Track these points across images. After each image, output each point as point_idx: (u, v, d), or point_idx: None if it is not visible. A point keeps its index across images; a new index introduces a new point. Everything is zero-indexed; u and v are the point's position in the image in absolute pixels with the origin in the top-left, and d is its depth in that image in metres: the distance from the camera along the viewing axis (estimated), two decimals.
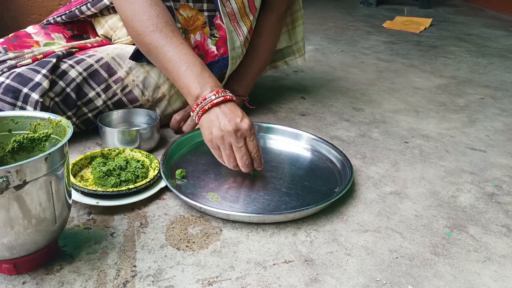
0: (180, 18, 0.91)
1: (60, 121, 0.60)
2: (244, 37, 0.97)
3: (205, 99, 0.75)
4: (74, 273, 0.58)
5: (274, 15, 1.05)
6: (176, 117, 0.97)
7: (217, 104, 0.75)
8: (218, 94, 0.75)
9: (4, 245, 0.52)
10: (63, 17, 1.02)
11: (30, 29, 1.02)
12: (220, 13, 0.92)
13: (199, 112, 0.76)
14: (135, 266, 0.60)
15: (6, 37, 0.98)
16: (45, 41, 0.98)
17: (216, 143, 0.75)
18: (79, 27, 1.06)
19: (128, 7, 0.81)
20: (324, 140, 0.91)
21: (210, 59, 0.96)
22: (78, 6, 1.00)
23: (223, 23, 0.94)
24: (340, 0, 3.12)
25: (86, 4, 0.98)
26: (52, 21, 1.03)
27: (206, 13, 0.92)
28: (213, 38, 0.95)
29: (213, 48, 0.95)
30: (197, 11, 0.91)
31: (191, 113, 0.78)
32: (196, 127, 0.96)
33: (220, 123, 0.73)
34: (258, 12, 1.02)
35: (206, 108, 0.75)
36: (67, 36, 1.02)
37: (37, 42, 0.97)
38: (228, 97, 0.76)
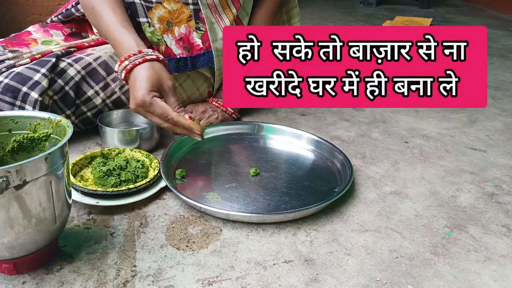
0: (164, 11, 0.91)
1: (60, 121, 0.60)
2: None
3: (141, 52, 0.79)
4: (74, 273, 0.58)
5: (264, 10, 1.04)
6: None
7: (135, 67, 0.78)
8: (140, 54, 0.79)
9: (4, 245, 0.52)
10: (60, 16, 1.03)
11: (29, 28, 1.02)
12: (200, 4, 0.92)
13: (129, 66, 0.78)
14: (135, 266, 0.60)
15: (6, 37, 0.98)
16: (43, 38, 0.98)
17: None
18: (78, 26, 1.06)
19: None
20: (324, 140, 0.91)
21: (196, 52, 0.97)
22: (74, 4, 1.00)
23: None
24: (340, 0, 3.12)
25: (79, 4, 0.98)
26: (49, 22, 1.04)
27: (191, 6, 0.92)
28: (198, 32, 0.95)
29: (199, 41, 0.95)
30: (182, 4, 0.92)
31: (118, 66, 0.79)
32: None
33: (131, 97, 0.77)
34: (251, 10, 1.02)
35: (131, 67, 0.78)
36: (65, 34, 1.02)
37: (35, 40, 0.97)
38: (148, 58, 0.78)
